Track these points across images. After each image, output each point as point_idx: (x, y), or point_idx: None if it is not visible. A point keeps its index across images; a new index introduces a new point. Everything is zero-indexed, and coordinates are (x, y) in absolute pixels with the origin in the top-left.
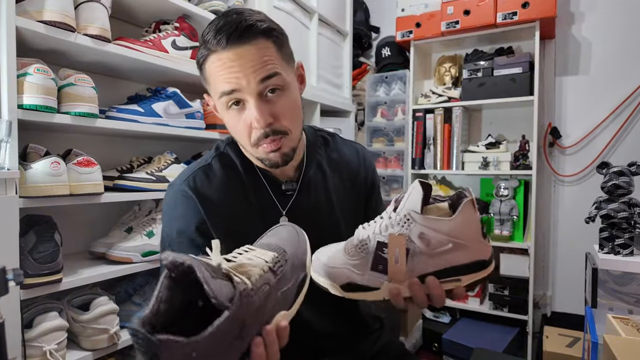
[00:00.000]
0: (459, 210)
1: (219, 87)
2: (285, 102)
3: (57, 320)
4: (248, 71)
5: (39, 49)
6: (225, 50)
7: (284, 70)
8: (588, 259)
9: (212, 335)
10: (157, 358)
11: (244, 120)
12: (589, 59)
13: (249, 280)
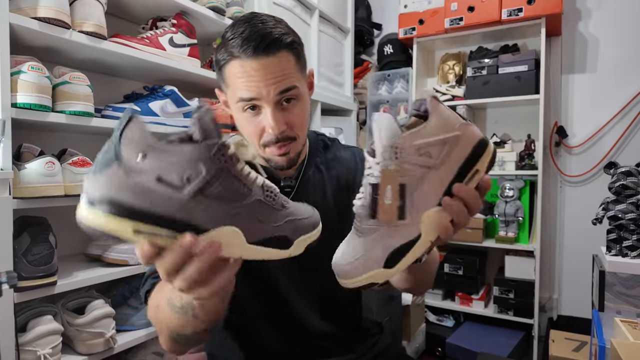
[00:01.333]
0: (429, 110)
1: (238, 92)
2: (299, 111)
3: (52, 324)
4: (269, 82)
5: (33, 46)
6: (250, 59)
7: (300, 82)
8: (595, 261)
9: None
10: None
11: (257, 124)
12: (596, 57)
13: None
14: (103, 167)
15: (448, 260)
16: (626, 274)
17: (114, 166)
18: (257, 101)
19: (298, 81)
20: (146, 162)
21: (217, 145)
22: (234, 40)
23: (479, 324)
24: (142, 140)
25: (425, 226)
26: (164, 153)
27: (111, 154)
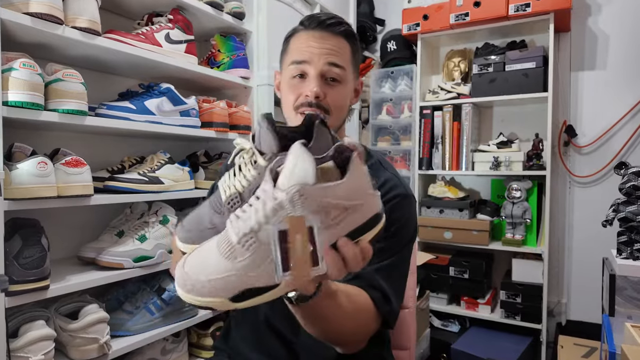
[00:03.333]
0: (349, 169)
1: (294, 55)
2: (338, 93)
3: (44, 329)
4: (322, 51)
5: (25, 42)
6: (314, 30)
7: (348, 70)
8: (605, 264)
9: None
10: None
11: (299, 89)
12: (606, 53)
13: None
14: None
15: (453, 263)
16: (637, 277)
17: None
18: (306, 65)
19: (347, 68)
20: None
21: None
22: (304, 17)
23: (485, 329)
24: None
25: (286, 280)
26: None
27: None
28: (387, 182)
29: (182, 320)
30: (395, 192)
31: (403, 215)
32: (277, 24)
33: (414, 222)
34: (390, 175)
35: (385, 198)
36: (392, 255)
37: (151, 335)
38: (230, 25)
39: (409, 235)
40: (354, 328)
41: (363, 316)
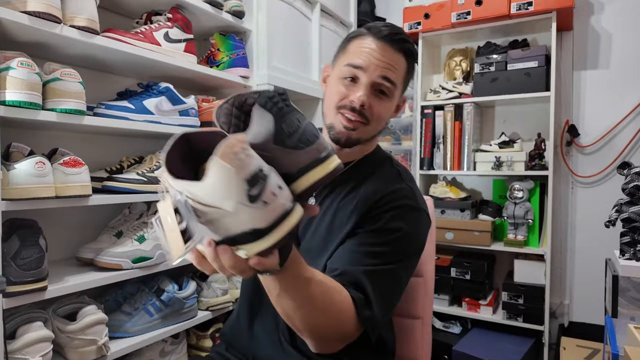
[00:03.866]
0: (206, 171)
1: (351, 58)
2: (382, 106)
3: (42, 330)
4: (380, 63)
5: (22, 41)
6: (379, 40)
7: (398, 87)
8: (608, 265)
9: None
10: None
11: (345, 92)
12: (609, 52)
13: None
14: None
15: (455, 264)
16: None
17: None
18: (361, 72)
19: (398, 85)
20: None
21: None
22: (373, 23)
23: (487, 331)
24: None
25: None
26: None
27: (304, 117)
28: (397, 192)
29: (181, 322)
30: (402, 202)
31: (405, 227)
32: (277, 22)
33: (417, 239)
34: (404, 186)
35: (389, 205)
36: (386, 264)
37: (150, 337)
38: (230, 24)
39: (408, 249)
40: (325, 322)
41: (336, 313)
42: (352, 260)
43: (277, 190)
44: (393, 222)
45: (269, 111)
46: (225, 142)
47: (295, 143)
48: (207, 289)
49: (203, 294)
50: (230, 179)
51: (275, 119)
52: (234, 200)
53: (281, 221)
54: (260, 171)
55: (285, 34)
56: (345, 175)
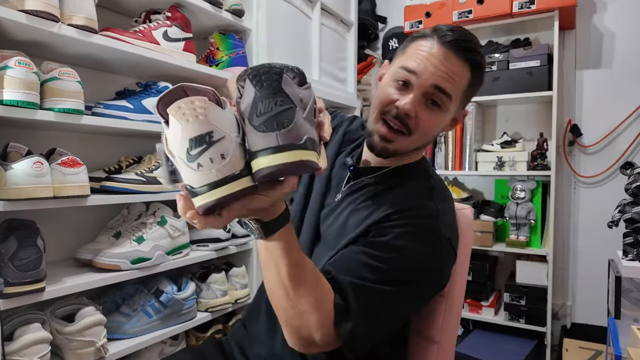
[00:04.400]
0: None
1: (407, 60)
2: (431, 119)
3: (40, 332)
4: (437, 72)
5: (20, 40)
6: (443, 45)
7: (455, 100)
8: (611, 266)
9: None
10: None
11: (392, 96)
12: (611, 51)
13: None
14: (289, 116)
15: None
16: None
17: (298, 112)
18: (414, 77)
19: (455, 98)
20: (304, 96)
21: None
22: (443, 26)
23: (488, 332)
24: (292, 81)
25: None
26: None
27: (288, 104)
28: (418, 209)
29: (180, 323)
30: (419, 221)
31: (413, 248)
32: (276, 21)
33: (429, 265)
34: (430, 206)
35: (403, 221)
36: (379, 282)
37: (149, 339)
38: (230, 22)
39: (412, 274)
40: (301, 313)
41: (314, 309)
42: (345, 268)
43: (218, 158)
44: (401, 239)
45: (254, 86)
46: (188, 98)
47: (259, 124)
48: (206, 290)
49: (202, 295)
50: (176, 133)
51: (254, 95)
52: (177, 155)
53: (214, 187)
54: (208, 135)
55: (285, 32)
56: (376, 179)
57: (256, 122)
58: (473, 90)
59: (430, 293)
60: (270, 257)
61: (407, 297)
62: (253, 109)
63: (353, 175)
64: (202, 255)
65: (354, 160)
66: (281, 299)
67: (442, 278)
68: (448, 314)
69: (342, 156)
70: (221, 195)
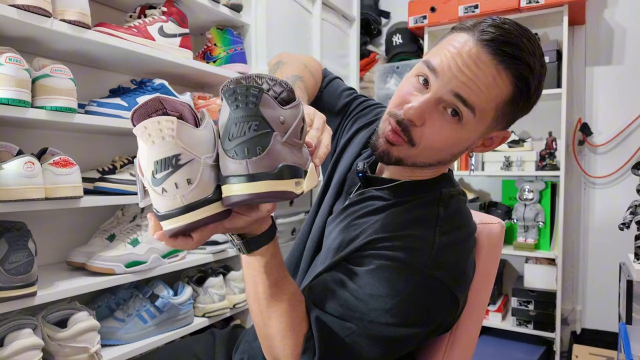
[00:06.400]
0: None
1: (434, 56)
2: (446, 132)
3: (31, 338)
4: (462, 77)
5: (10, 36)
6: (478, 43)
7: (481, 118)
8: (622, 269)
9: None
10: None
11: (409, 95)
12: (623, 47)
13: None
14: (263, 143)
15: None
16: None
17: (275, 137)
18: (433, 76)
19: (482, 113)
20: (286, 117)
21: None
22: (487, 20)
23: (495, 338)
24: (274, 102)
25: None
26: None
27: (264, 128)
28: (404, 239)
29: (176, 329)
30: (396, 254)
31: (382, 284)
32: (276, 16)
33: (414, 313)
34: (423, 235)
35: (387, 253)
36: (344, 318)
37: (144, 345)
38: (227, 17)
39: (377, 314)
40: (266, 337)
41: (280, 336)
42: (317, 297)
43: (184, 183)
44: (377, 273)
45: (229, 105)
46: (154, 118)
47: (230, 148)
48: (203, 295)
49: (199, 299)
50: (142, 154)
51: (229, 117)
52: (145, 175)
53: (179, 214)
54: (175, 158)
55: (285, 28)
56: (383, 192)
57: (227, 145)
58: (516, 109)
59: (411, 337)
60: (249, 272)
61: (373, 338)
62: (226, 131)
63: (362, 183)
64: (199, 259)
65: (366, 167)
66: (255, 314)
67: (430, 324)
68: (450, 350)
69: (360, 158)
70: (187, 222)
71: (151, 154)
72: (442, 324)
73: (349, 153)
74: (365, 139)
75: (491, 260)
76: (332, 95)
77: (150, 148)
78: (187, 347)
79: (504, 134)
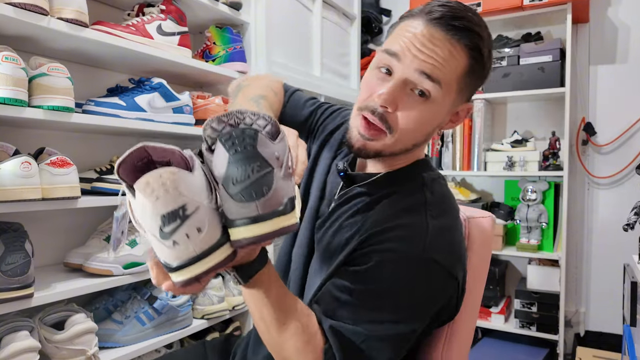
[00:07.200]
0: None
1: (390, 42)
2: (418, 111)
3: (28, 340)
4: (422, 54)
5: (7, 34)
6: (429, 23)
7: (447, 92)
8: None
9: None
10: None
11: (374, 86)
12: (627, 46)
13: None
14: (268, 182)
15: None
16: None
17: (275, 174)
18: (395, 61)
19: (446, 86)
20: (279, 152)
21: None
22: (432, 3)
23: (498, 340)
24: (268, 140)
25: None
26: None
27: (265, 168)
28: (397, 229)
29: (175, 331)
30: (393, 245)
31: (385, 279)
32: (276, 14)
33: (416, 299)
34: (415, 222)
35: (383, 245)
36: (357, 322)
37: (142, 347)
38: (227, 16)
39: (385, 310)
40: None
41: (298, 355)
42: (326, 308)
43: (194, 232)
44: (378, 269)
45: (227, 150)
46: (155, 171)
47: (237, 193)
48: (202, 297)
49: (198, 301)
50: (145, 210)
51: (229, 161)
52: (149, 231)
53: (192, 263)
54: (181, 210)
55: (285, 26)
56: (367, 188)
57: (232, 190)
58: (475, 78)
59: (418, 328)
60: (251, 299)
61: (386, 338)
62: (228, 175)
63: (345, 182)
64: None
65: (346, 165)
66: (269, 344)
67: (434, 309)
68: (448, 343)
69: (337, 159)
70: (201, 270)
71: (156, 208)
72: (446, 308)
73: (324, 157)
74: (338, 141)
75: (485, 253)
76: (296, 107)
77: (154, 203)
78: None
79: (468, 107)
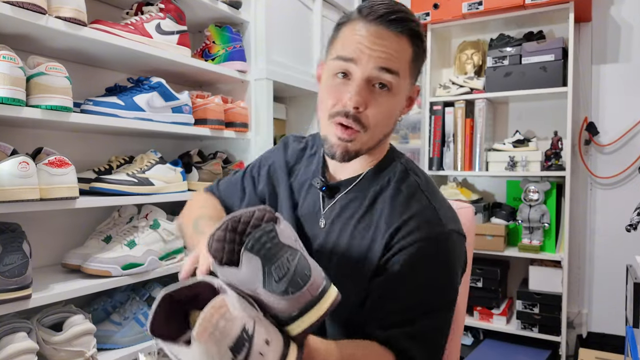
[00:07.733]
0: (191, 343)
1: (340, 49)
2: (383, 105)
3: (26, 341)
4: (375, 52)
5: (5, 33)
6: (371, 23)
7: (404, 77)
8: (629, 272)
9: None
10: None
11: (337, 92)
12: (630, 45)
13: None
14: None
15: None
16: None
17: (303, 253)
18: (352, 65)
19: (403, 74)
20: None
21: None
22: (364, 4)
23: (500, 342)
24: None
25: None
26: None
27: (295, 253)
28: (419, 215)
29: None
30: (428, 233)
31: (436, 266)
32: (276, 13)
33: (453, 269)
34: (427, 205)
35: (412, 238)
36: (426, 316)
37: (141, 348)
38: (226, 14)
39: (445, 290)
40: None
41: None
42: (381, 322)
43: (264, 347)
44: (421, 262)
45: (257, 254)
46: (203, 315)
47: (285, 288)
48: None
49: None
50: (213, 353)
51: (263, 263)
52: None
53: None
54: (244, 332)
55: (284, 25)
56: (354, 193)
57: (278, 288)
58: (419, 62)
59: (457, 292)
60: None
61: (448, 311)
62: (268, 277)
63: (327, 195)
64: None
65: (321, 180)
66: None
67: (462, 268)
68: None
69: (292, 179)
70: None
71: (222, 345)
72: (464, 264)
73: (282, 188)
74: (282, 166)
75: (471, 242)
76: (228, 186)
77: (218, 341)
78: None
79: (417, 89)
